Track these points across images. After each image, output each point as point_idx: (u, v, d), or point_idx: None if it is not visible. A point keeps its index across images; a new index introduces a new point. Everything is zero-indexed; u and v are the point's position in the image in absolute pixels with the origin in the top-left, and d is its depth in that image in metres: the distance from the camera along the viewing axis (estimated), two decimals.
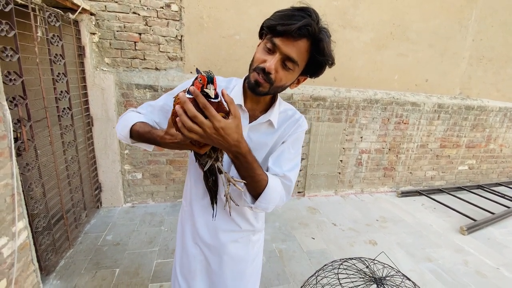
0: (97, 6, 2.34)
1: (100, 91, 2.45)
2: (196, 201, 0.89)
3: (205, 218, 0.88)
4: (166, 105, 0.85)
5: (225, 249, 0.89)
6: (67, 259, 1.99)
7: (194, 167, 0.87)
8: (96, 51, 2.45)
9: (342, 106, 3.17)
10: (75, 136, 2.18)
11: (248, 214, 0.90)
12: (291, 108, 0.87)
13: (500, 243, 2.62)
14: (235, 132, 0.58)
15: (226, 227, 0.88)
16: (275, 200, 0.74)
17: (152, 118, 0.85)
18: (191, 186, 0.90)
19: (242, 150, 0.62)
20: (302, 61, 0.68)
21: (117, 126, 0.83)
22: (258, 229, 0.96)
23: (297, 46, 0.64)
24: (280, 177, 0.77)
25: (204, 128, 0.54)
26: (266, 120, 0.79)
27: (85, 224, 2.42)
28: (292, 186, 0.80)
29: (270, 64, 0.66)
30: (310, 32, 0.62)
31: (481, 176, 4.25)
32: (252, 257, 0.95)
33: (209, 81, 0.53)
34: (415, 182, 3.88)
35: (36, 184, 1.62)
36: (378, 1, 3.04)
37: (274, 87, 0.71)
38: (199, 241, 0.90)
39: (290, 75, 0.70)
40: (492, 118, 3.89)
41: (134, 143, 0.82)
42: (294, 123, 0.83)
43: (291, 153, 0.82)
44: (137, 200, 2.89)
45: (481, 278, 2.10)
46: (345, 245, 2.43)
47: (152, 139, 0.71)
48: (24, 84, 1.49)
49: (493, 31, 3.54)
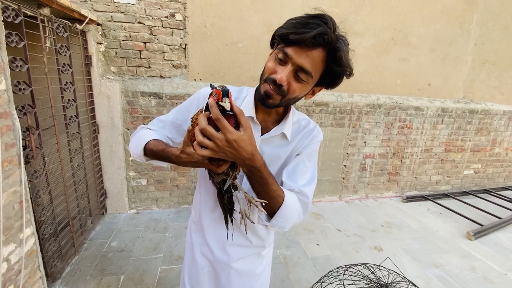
0: (103, 17, 2.40)
1: (106, 99, 2.50)
2: (205, 214, 0.86)
3: (215, 231, 0.86)
4: (177, 119, 0.83)
5: (233, 264, 0.87)
6: (73, 266, 2.00)
7: (204, 180, 0.85)
8: (103, 60, 2.50)
9: (345, 111, 3.18)
10: (82, 143, 2.22)
11: (260, 229, 0.86)
12: (305, 117, 0.83)
13: (507, 248, 2.58)
14: (249, 144, 0.55)
15: (237, 241, 0.86)
16: (292, 218, 0.69)
17: (164, 134, 0.83)
18: (201, 199, 0.87)
19: (257, 164, 0.59)
20: (317, 72, 0.63)
21: (130, 145, 0.80)
22: (269, 243, 0.93)
23: (311, 56, 0.60)
24: (296, 192, 0.72)
25: (216, 141, 0.52)
26: (279, 133, 0.75)
27: (91, 230, 2.44)
28: (309, 203, 0.74)
29: (281, 76, 0.61)
30: (326, 40, 0.58)
31: (487, 180, 4.20)
32: (260, 270, 0.93)
33: (224, 94, 0.52)
34: (420, 187, 3.85)
35: (44, 191, 1.65)
36: (379, 7, 3.08)
37: (286, 100, 0.67)
38: (208, 253, 0.88)
39: (304, 86, 0.65)
40: (496, 122, 3.86)
41: (148, 160, 0.79)
42: (309, 134, 0.79)
43: (307, 166, 0.77)
44: (142, 207, 2.90)
45: (489, 284, 2.06)
46: (350, 251, 2.40)
47: (167, 157, 0.69)
48: (33, 93, 1.53)
49: (495, 35, 3.55)
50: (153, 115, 2.66)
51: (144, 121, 2.66)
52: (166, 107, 2.66)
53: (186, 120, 0.83)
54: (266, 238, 0.90)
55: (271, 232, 0.93)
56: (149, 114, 2.65)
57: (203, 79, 2.79)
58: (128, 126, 2.64)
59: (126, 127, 2.64)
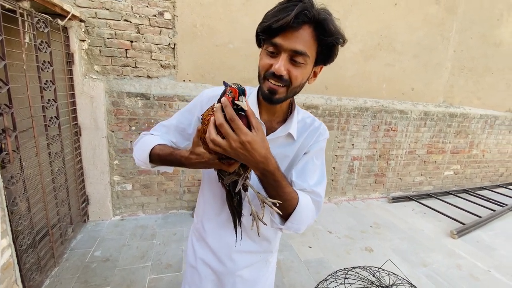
0: (87, 13, 2.28)
1: (89, 100, 2.36)
2: (210, 219, 0.83)
3: (220, 238, 0.82)
4: (181, 123, 0.81)
5: (239, 272, 0.84)
6: (53, 278, 1.86)
7: (209, 183, 0.82)
8: (86, 58, 2.37)
9: (334, 114, 3.21)
10: (62, 146, 2.08)
11: (268, 232, 0.84)
12: (309, 115, 0.82)
13: (489, 245, 2.70)
14: (262, 147, 0.54)
15: (244, 247, 0.82)
16: (307, 219, 0.68)
17: (168, 139, 0.80)
18: (205, 203, 0.84)
19: (270, 167, 0.58)
20: (312, 50, 0.61)
21: (135, 153, 0.78)
22: (276, 249, 0.91)
23: (300, 36, 0.58)
24: (308, 192, 0.71)
25: (230, 141, 0.50)
26: (285, 133, 0.74)
27: (72, 239, 2.28)
28: (322, 202, 0.73)
29: (278, 66, 0.60)
30: (309, 16, 0.57)
31: (465, 180, 4.41)
32: (266, 277, 0.91)
33: (240, 93, 0.51)
34: (404, 187, 3.96)
35: (21, 198, 1.52)
36: (366, 13, 3.15)
37: (292, 89, 0.65)
38: (212, 262, 0.85)
39: (304, 69, 0.63)
40: (474, 125, 4.07)
41: (154, 167, 0.77)
42: (315, 132, 0.78)
43: (316, 165, 0.76)
44: (127, 213, 2.77)
45: (475, 281, 2.14)
46: (342, 253, 2.41)
47: (175, 160, 0.67)
48: (10, 92, 1.41)
49: (473, 42, 3.74)
50: (139, 116, 2.55)
51: (130, 123, 2.55)
52: (153, 108, 2.57)
53: (190, 123, 0.80)
54: (274, 241, 0.88)
55: (278, 235, 0.90)
56: (135, 115, 2.54)
57: (193, 80, 2.72)
58: (113, 128, 2.51)
59: (111, 129, 2.51)
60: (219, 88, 0.79)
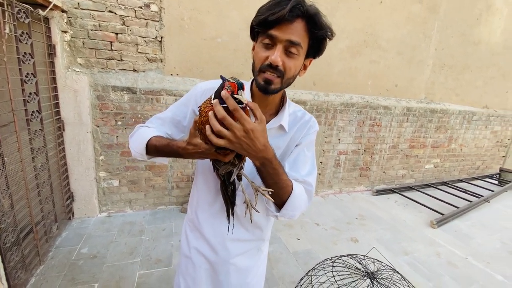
0: (69, 3, 2.19)
1: (73, 93, 2.29)
2: (203, 209, 0.85)
3: (213, 227, 0.84)
4: (176, 116, 0.82)
5: (232, 260, 0.86)
6: (38, 276, 1.81)
7: (203, 174, 0.84)
8: (68, 50, 2.29)
9: (321, 109, 3.27)
10: (45, 141, 2.01)
11: (260, 220, 0.86)
12: (300, 109, 0.85)
13: (466, 234, 2.86)
14: (262, 136, 0.57)
15: (237, 235, 0.85)
16: (300, 206, 0.72)
17: (163, 131, 0.82)
18: (199, 194, 0.86)
19: (269, 155, 0.61)
20: (304, 42, 0.65)
21: (131, 145, 0.80)
22: (267, 237, 0.94)
23: (294, 28, 0.62)
24: (301, 182, 0.75)
25: (234, 131, 0.53)
26: (277, 125, 0.77)
27: (56, 237, 2.23)
28: (313, 191, 0.78)
29: (275, 56, 0.63)
30: (302, 10, 0.61)
31: (444, 173, 4.62)
32: (259, 265, 0.94)
33: (239, 87, 0.53)
34: (388, 180, 4.11)
35: (4, 195, 1.47)
36: (352, 11, 3.21)
37: (286, 80, 0.68)
38: (205, 251, 0.87)
39: (297, 61, 0.67)
40: (453, 120, 4.26)
41: (151, 158, 0.78)
42: (305, 124, 0.82)
43: (307, 156, 0.80)
44: (114, 209, 2.72)
45: (453, 268, 2.27)
46: (329, 244, 2.49)
47: (172, 151, 0.69)
48: None
49: (453, 41, 3.90)
50: (126, 111, 2.50)
51: (115, 118, 2.49)
52: (140, 102, 2.52)
53: (185, 116, 0.82)
54: (266, 230, 0.91)
55: (270, 223, 0.93)
56: (121, 110, 2.49)
57: (181, 74, 2.68)
58: (98, 123, 2.45)
59: (96, 124, 2.45)
60: (213, 81, 0.80)
